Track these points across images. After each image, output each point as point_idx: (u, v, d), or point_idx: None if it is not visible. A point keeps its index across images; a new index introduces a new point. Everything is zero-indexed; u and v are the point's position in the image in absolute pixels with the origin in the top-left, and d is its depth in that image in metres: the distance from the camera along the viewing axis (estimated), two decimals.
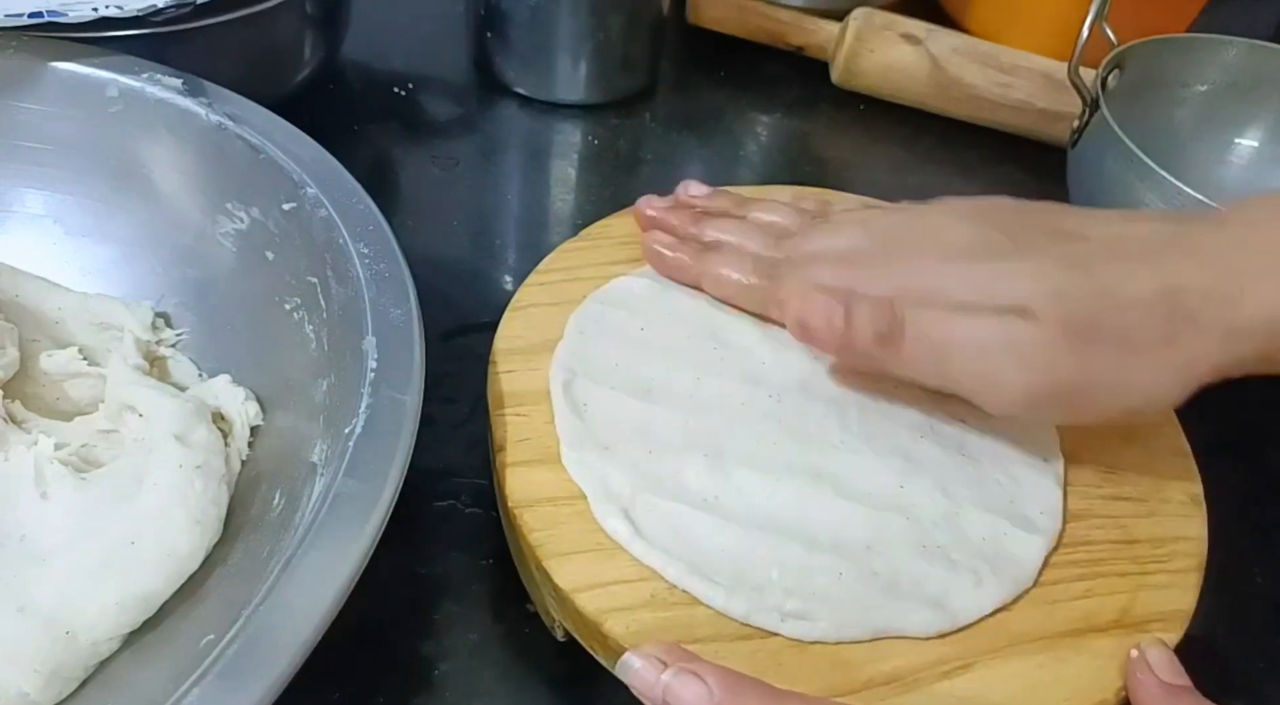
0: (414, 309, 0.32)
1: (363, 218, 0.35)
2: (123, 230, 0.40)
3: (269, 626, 0.24)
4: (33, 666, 0.28)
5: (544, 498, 0.31)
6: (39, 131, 0.39)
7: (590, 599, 0.29)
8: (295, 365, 0.35)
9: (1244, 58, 0.52)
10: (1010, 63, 0.58)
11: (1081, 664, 0.29)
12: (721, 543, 0.30)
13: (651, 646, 0.27)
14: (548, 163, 0.55)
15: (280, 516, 0.30)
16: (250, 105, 0.39)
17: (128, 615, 0.29)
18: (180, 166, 0.39)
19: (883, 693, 0.28)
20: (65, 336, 0.38)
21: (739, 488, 0.32)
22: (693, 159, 0.57)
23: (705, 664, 0.26)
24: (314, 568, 0.25)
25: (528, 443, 0.33)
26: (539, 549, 0.30)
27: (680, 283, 0.38)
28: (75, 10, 0.39)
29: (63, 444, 0.33)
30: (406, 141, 0.55)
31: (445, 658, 0.33)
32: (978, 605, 0.30)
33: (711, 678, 0.25)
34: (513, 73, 0.57)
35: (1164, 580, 0.32)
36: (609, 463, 0.32)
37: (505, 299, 0.38)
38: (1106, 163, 0.46)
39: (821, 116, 0.61)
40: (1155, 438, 0.36)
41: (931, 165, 0.58)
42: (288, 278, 0.36)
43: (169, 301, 0.39)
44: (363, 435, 0.28)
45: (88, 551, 0.30)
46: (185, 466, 0.32)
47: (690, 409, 0.34)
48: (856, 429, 0.34)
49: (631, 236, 0.41)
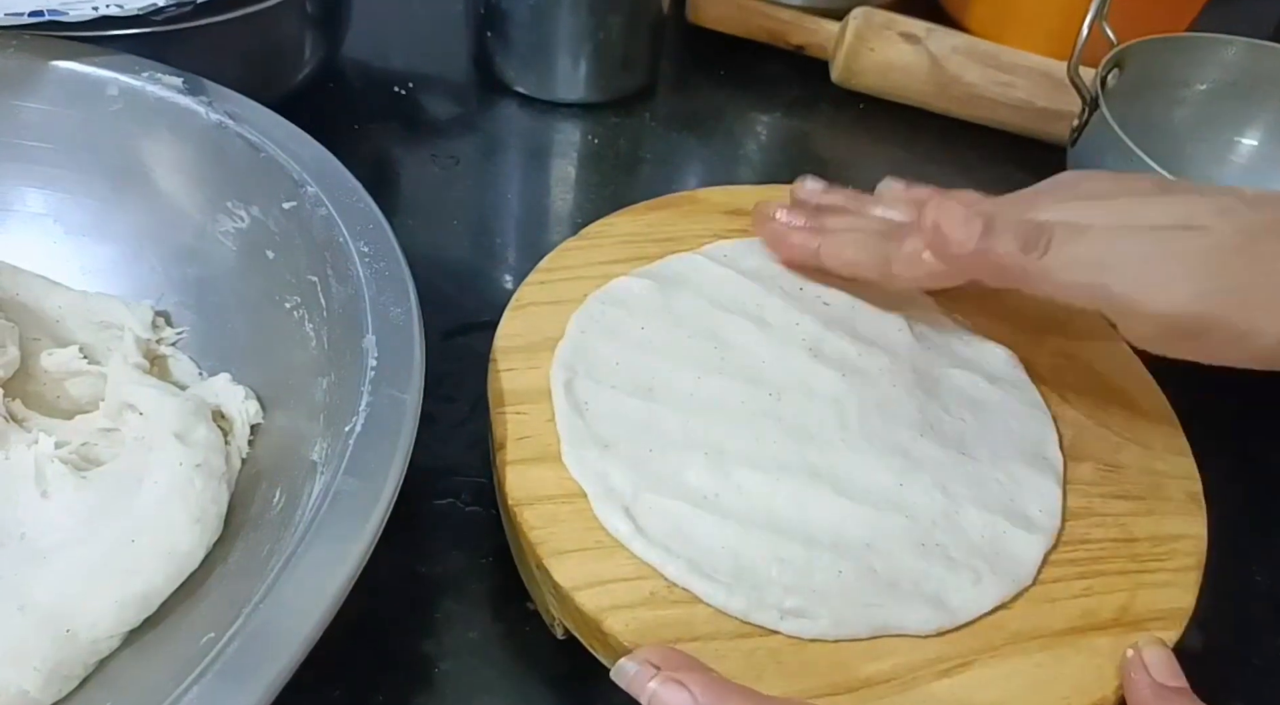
0: (414, 308, 0.32)
1: (363, 216, 0.35)
2: (123, 229, 0.40)
3: (269, 624, 0.24)
4: (33, 664, 0.28)
5: (544, 495, 0.31)
6: (39, 130, 0.39)
7: (590, 597, 0.29)
8: (295, 364, 0.35)
9: (1244, 57, 0.52)
10: (1010, 62, 0.58)
11: (1081, 662, 0.29)
12: (721, 541, 0.30)
13: (647, 650, 0.27)
14: (548, 162, 0.55)
15: (280, 515, 0.30)
16: (250, 104, 0.39)
17: (128, 613, 0.29)
18: (180, 165, 0.39)
19: (881, 690, 0.28)
20: (66, 335, 0.38)
21: (739, 486, 0.32)
22: (693, 158, 0.57)
23: (693, 671, 0.26)
24: (314, 566, 0.25)
25: (528, 441, 0.33)
26: (539, 547, 0.30)
27: (797, 263, 0.39)
28: (76, 9, 0.39)
29: (63, 442, 0.34)
30: (407, 140, 0.55)
31: (445, 656, 0.33)
32: (977, 603, 0.30)
33: (696, 685, 0.25)
34: (513, 72, 0.57)
35: (1163, 579, 0.32)
36: (609, 461, 0.32)
37: (505, 298, 0.38)
38: (1106, 162, 0.46)
39: (821, 116, 0.61)
40: (1155, 437, 0.36)
41: (931, 165, 0.58)
42: (288, 276, 0.36)
43: (169, 300, 0.39)
44: (363, 434, 0.28)
45: (88, 550, 0.30)
46: (185, 465, 0.32)
47: (691, 408, 0.34)
48: (856, 428, 0.34)
49: (632, 235, 0.41)
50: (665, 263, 0.40)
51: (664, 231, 0.41)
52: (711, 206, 0.43)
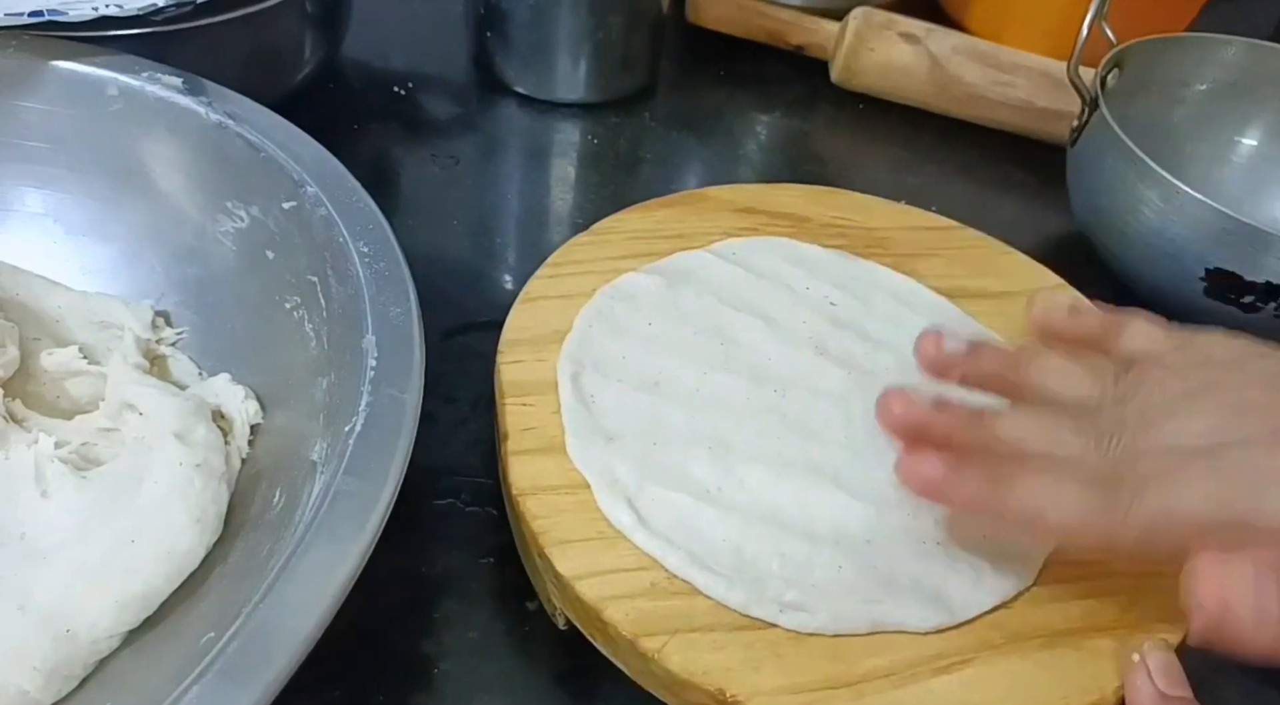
0: (414, 308, 0.32)
1: (363, 216, 0.35)
2: (123, 229, 0.40)
3: (269, 624, 0.24)
4: (33, 664, 0.28)
5: (547, 486, 0.32)
6: (39, 130, 0.39)
7: (590, 586, 0.29)
8: (295, 364, 0.35)
9: (1244, 57, 0.52)
10: (1010, 62, 0.58)
11: (1080, 662, 0.29)
12: (723, 534, 0.31)
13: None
14: (547, 162, 0.55)
15: (280, 515, 0.30)
16: (250, 104, 0.39)
17: (128, 613, 0.29)
18: (180, 165, 0.39)
19: (880, 685, 0.28)
20: (66, 335, 0.38)
21: (742, 480, 0.32)
22: (693, 158, 0.57)
23: None
24: (314, 566, 0.25)
25: (532, 432, 0.33)
26: (541, 536, 0.30)
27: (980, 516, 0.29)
28: (75, 9, 0.39)
29: (63, 442, 0.33)
30: (407, 140, 0.55)
31: (445, 656, 0.33)
32: (977, 601, 0.30)
33: None
34: (512, 72, 0.57)
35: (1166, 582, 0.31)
36: (614, 453, 0.32)
37: (505, 298, 0.38)
38: (1106, 162, 0.46)
39: (821, 116, 0.61)
40: None
41: (931, 165, 0.58)
42: (288, 276, 0.36)
43: (169, 300, 0.39)
44: (363, 433, 0.28)
45: (88, 550, 0.30)
46: (185, 465, 0.32)
47: (696, 403, 0.34)
48: (860, 425, 0.34)
49: (641, 232, 0.41)
50: (674, 259, 0.40)
51: (673, 228, 0.42)
52: (721, 204, 0.43)
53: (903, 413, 0.29)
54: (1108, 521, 0.26)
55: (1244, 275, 0.42)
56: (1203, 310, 0.44)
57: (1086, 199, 0.49)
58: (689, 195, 0.44)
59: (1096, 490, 0.26)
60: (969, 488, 0.27)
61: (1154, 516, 0.25)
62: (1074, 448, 0.27)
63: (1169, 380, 0.28)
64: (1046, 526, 0.27)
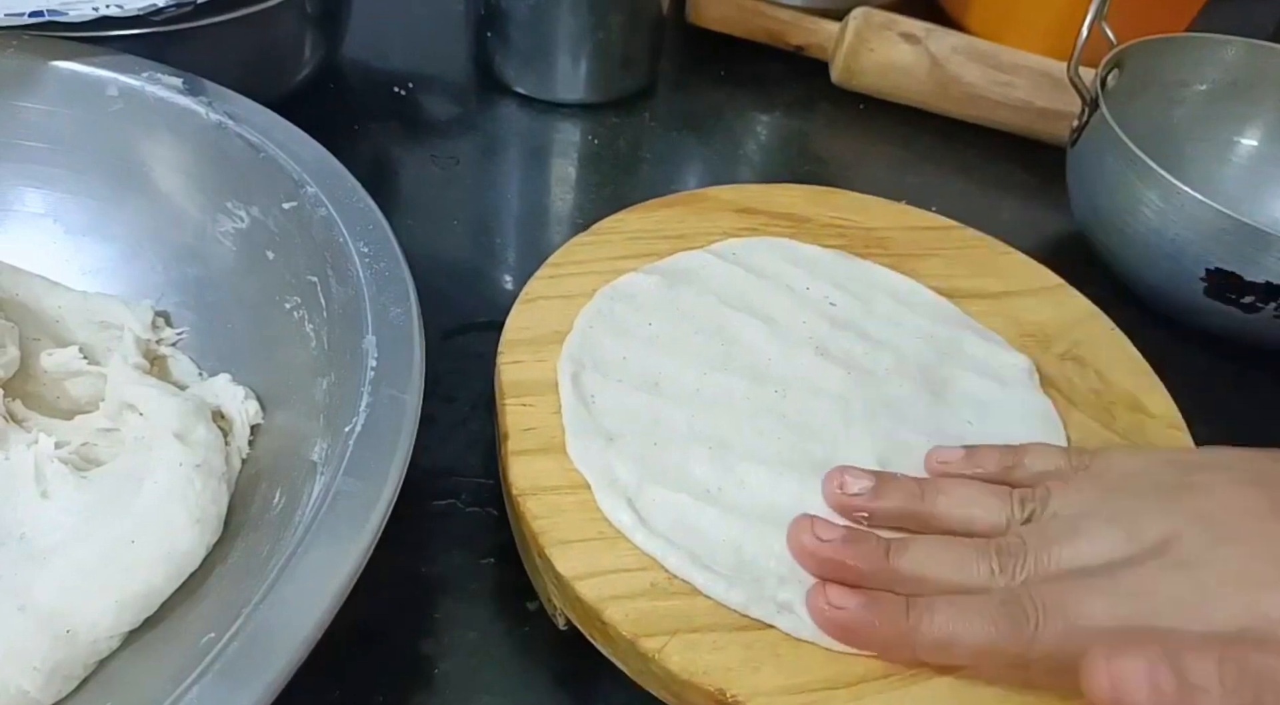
0: (414, 308, 0.32)
1: (363, 216, 0.35)
2: (123, 229, 0.40)
3: (269, 625, 0.24)
4: (33, 664, 0.28)
5: (547, 486, 0.32)
6: (39, 130, 0.39)
7: (590, 587, 0.29)
8: (295, 364, 0.35)
9: (1244, 57, 0.52)
10: (1010, 62, 0.58)
11: None
12: (723, 534, 0.31)
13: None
14: (547, 162, 0.55)
15: (280, 515, 0.30)
16: (250, 104, 0.39)
17: (128, 614, 0.29)
18: (180, 165, 0.39)
19: (878, 686, 0.28)
20: (65, 335, 0.38)
21: (742, 480, 0.32)
22: (693, 158, 0.57)
23: None
24: (314, 566, 0.25)
25: (533, 432, 0.33)
26: (541, 536, 0.30)
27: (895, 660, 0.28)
28: (75, 9, 0.39)
29: (63, 442, 0.33)
30: (406, 141, 0.55)
31: (445, 656, 0.33)
32: None
33: None
34: (512, 72, 0.57)
35: None
36: (614, 453, 0.32)
37: (505, 298, 0.38)
38: (1106, 162, 0.46)
39: (821, 116, 0.61)
40: (1159, 438, 0.36)
41: (931, 164, 0.58)
42: (288, 276, 0.36)
43: (169, 300, 0.39)
44: (363, 434, 0.28)
45: (88, 550, 0.30)
46: (185, 465, 0.32)
47: (696, 403, 0.34)
48: (860, 425, 0.34)
49: (641, 232, 0.41)
50: (674, 259, 0.40)
51: (673, 229, 0.42)
52: (721, 204, 0.43)
53: (813, 549, 0.29)
54: (1017, 643, 0.26)
55: (1244, 275, 0.42)
56: (1202, 310, 0.44)
57: (1086, 199, 0.49)
58: (689, 195, 0.44)
59: (1004, 613, 0.27)
60: (881, 631, 0.28)
61: (1059, 637, 0.26)
62: (980, 574, 0.28)
63: (1069, 497, 0.29)
64: (960, 653, 0.27)
